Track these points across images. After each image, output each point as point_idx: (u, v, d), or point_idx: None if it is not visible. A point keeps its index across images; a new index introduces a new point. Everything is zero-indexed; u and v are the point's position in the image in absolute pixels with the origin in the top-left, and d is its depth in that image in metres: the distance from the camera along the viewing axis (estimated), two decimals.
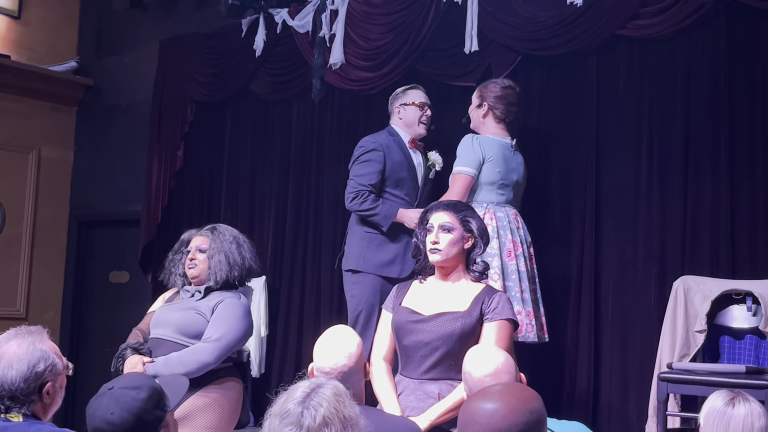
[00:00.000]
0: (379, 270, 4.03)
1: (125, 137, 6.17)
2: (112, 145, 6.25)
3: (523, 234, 3.91)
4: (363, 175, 4.06)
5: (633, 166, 4.05)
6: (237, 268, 3.46)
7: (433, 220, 3.16)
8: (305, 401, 1.84)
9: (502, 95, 3.98)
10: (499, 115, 3.99)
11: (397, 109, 4.23)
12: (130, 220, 5.94)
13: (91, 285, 6.37)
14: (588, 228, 4.12)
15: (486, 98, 4.00)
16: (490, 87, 4.02)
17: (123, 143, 6.18)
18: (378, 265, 4.04)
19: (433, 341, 3.01)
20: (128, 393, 2.16)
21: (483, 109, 4.01)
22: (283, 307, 5.07)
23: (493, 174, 3.89)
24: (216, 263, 3.44)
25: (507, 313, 3.03)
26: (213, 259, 3.44)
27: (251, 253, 3.52)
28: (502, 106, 3.98)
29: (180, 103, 5.63)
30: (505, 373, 2.43)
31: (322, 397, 1.85)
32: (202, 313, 3.37)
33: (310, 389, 1.88)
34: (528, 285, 3.80)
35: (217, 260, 3.44)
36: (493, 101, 3.99)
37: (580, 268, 4.12)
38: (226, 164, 5.52)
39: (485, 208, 3.85)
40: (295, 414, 1.82)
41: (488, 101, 3.99)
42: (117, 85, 6.28)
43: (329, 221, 4.95)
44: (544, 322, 3.87)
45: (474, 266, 3.16)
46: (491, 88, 4.01)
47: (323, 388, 1.88)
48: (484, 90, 4.03)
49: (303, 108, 5.17)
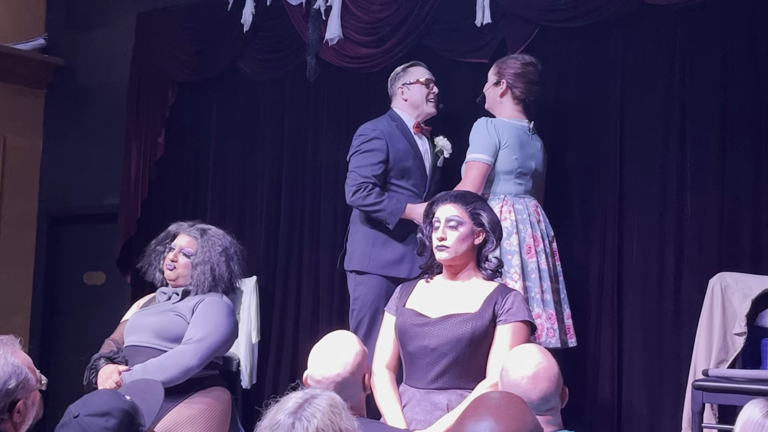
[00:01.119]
0: (386, 270, 4.06)
1: (100, 123, 6.18)
2: (86, 132, 6.27)
3: (545, 228, 3.94)
4: (364, 167, 4.08)
5: (662, 150, 4.06)
6: (222, 284, 3.50)
7: (440, 214, 3.18)
8: (297, 412, 1.87)
9: (522, 72, 4.01)
10: (518, 94, 4.01)
11: (399, 90, 4.26)
12: (106, 214, 5.96)
13: (63, 287, 6.39)
14: (611, 219, 4.14)
15: (504, 75, 4.03)
16: (510, 63, 4.05)
17: (97, 129, 6.19)
18: (384, 264, 4.07)
19: (441, 346, 3.04)
20: (96, 422, 2.16)
21: (501, 87, 4.04)
22: (277, 310, 5.08)
23: (509, 162, 3.92)
24: (199, 275, 3.48)
25: (522, 315, 3.06)
26: (197, 269, 3.48)
27: (240, 266, 3.56)
28: (522, 84, 4.01)
29: (160, 84, 5.64)
30: (545, 380, 2.46)
31: (315, 407, 1.88)
32: (182, 315, 3.41)
33: (303, 400, 1.91)
34: (549, 284, 3.83)
35: (201, 271, 3.48)
36: (512, 79, 4.01)
37: (601, 263, 4.15)
38: (213, 152, 5.53)
39: (503, 200, 3.88)
40: (285, 426, 1.85)
41: (507, 79, 4.02)
42: (90, 64, 6.29)
43: (328, 215, 4.97)
44: (570, 325, 3.90)
45: (486, 264, 3.19)
46: (510, 64, 4.04)
47: (318, 399, 1.91)
48: (503, 66, 4.06)
49: (297, 89, 5.17)
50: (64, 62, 6.43)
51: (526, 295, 3.71)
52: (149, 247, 3.66)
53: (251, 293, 4.94)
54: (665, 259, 4.03)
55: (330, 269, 4.85)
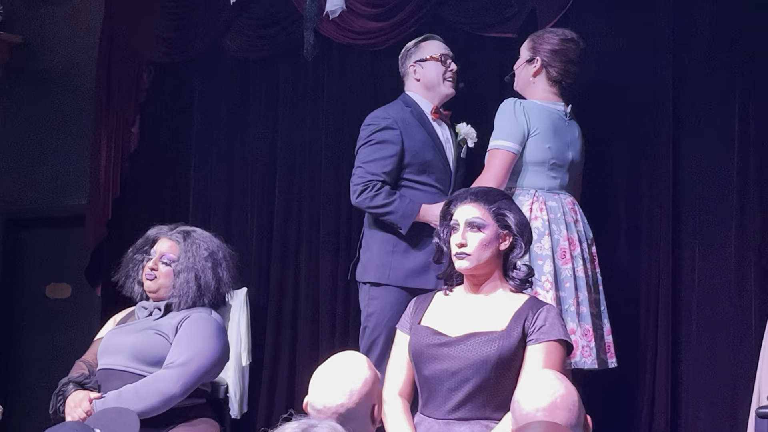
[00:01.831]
0: (409, 280, 4.04)
1: (64, 110, 6.18)
2: (48, 121, 6.27)
3: (583, 229, 3.93)
4: (374, 162, 4.07)
5: (722, 137, 4.07)
6: (208, 294, 3.49)
7: (459, 215, 3.15)
8: None
9: (560, 50, 4.01)
10: (554, 75, 4.01)
11: (411, 68, 4.24)
12: (72, 217, 5.96)
13: (22, 301, 6.38)
14: (663, 219, 4.14)
15: (539, 52, 4.02)
16: (547, 38, 4.04)
17: (61, 118, 6.19)
18: (407, 274, 4.05)
19: (463, 370, 3.02)
20: None
21: (535, 65, 4.03)
22: (271, 328, 5.08)
23: (542, 151, 3.91)
24: (182, 284, 3.47)
25: (557, 333, 3.04)
26: (179, 277, 3.47)
27: (230, 273, 3.55)
28: (559, 63, 4.00)
29: (134, 65, 5.63)
30: (564, 410, 2.44)
31: None
32: (163, 334, 3.40)
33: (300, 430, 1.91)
34: (587, 295, 3.82)
35: (184, 280, 3.47)
36: (548, 56, 4.01)
37: (649, 271, 4.16)
38: (195, 144, 5.53)
39: (533, 195, 3.87)
40: None
41: (542, 56, 4.02)
42: (52, 43, 6.28)
43: (330, 217, 4.96)
44: (610, 342, 3.88)
45: (514, 272, 3.18)
46: (548, 39, 4.04)
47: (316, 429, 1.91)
48: (538, 41, 4.05)
49: (292, 70, 5.17)
50: (22, 40, 6.43)
51: (559, 307, 3.71)
52: (126, 257, 3.66)
53: (241, 307, 4.95)
54: (725, 265, 4.03)
55: (332, 279, 4.86)
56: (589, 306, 3.82)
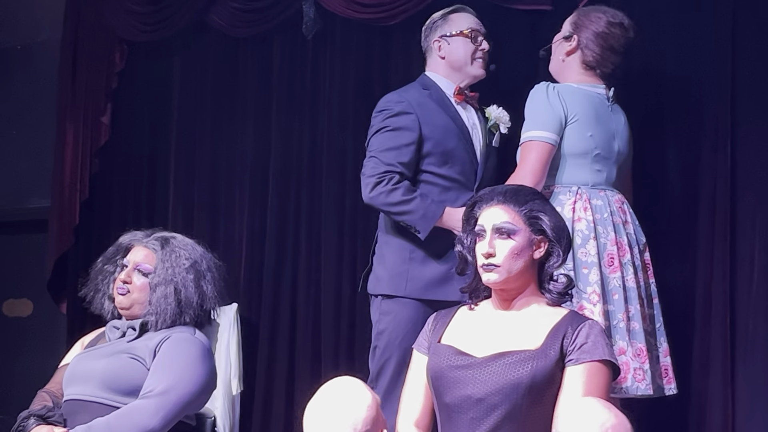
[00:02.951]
0: (430, 292, 4.04)
1: (23, 97, 6.23)
2: (4, 110, 6.32)
3: (633, 231, 3.92)
4: (389, 151, 4.06)
5: None
6: (190, 311, 3.48)
7: (485, 220, 3.15)
8: None
9: (604, 33, 4.00)
10: (589, 59, 4.01)
11: (436, 44, 4.22)
12: (32, 221, 6.01)
13: None
14: (720, 222, 4.17)
15: (580, 30, 4.03)
16: (593, 16, 4.04)
17: (20, 106, 6.24)
18: (427, 285, 4.05)
19: (490, 396, 3.01)
20: None
21: (570, 43, 4.04)
22: (264, 350, 5.11)
23: (583, 140, 3.91)
24: (159, 299, 3.45)
25: (601, 352, 3.04)
26: (156, 291, 3.48)
27: (216, 286, 3.56)
28: (597, 48, 4.00)
29: (104, 44, 5.66)
30: None
31: None
32: (139, 358, 3.40)
33: None
34: (639, 309, 3.81)
35: (162, 295, 3.46)
36: (588, 38, 4.01)
37: (708, 282, 4.17)
38: (175, 135, 5.57)
39: (575, 193, 3.87)
40: None
41: (582, 35, 4.02)
42: (9, 20, 6.33)
43: (332, 219, 4.99)
44: (668, 365, 3.88)
45: (551, 284, 3.19)
46: (594, 18, 4.03)
47: None
48: (583, 18, 4.05)
49: (289, 49, 5.20)
50: None
51: (607, 323, 3.71)
52: (94, 268, 3.68)
53: (231, 326, 4.98)
54: None
55: (335, 291, 4.88)
56: (642, 321, 3.80)
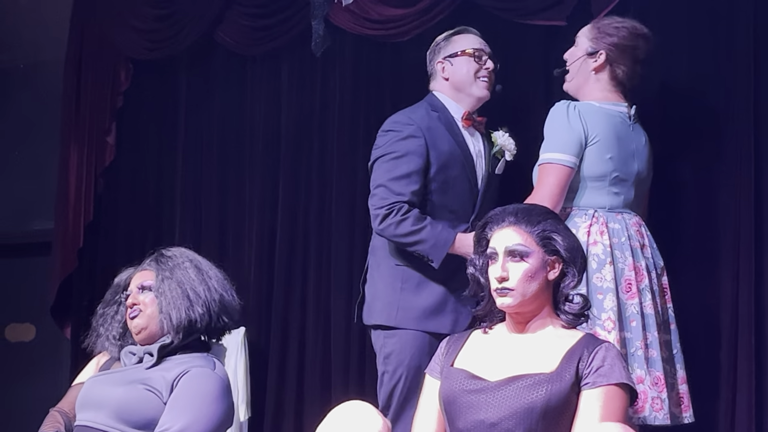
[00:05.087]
0: (422, 323, 4.05)
1: (26, 117, 6.23)
2: (7, 130, 6.33)
3: (651, 255, 3.92)
4: (398, 179, 4.05)
5: None
6: (201, 303, 3.45)
7: (496, 242, 3.14)
8: None
9: (630, 45, 4.00)
10: (620, 75, 4.00)
11: (439, 65, 4.25)
12: (35, 244, 6.00)
13: None
14: (745, 244, 4.15)
15: (604, 44, 4.01)
16: (614, 29, 4.02)
17: (23, 126, 6.25)
18: (420, 315, 4.06)
19: (503, 421, 2.99)
20: None
21: (597, 59, 4.02)
22: (274, 375, 5.09)
23: (602, 162, 3.91)
24: (168, 300, 3.45)
25: (618, 375, 3.03)
26: (163, 295, 3.48)
27: (221, 283, 3.55)
28: (628, 61, 4.00)
29: (109, 62, 5.66)
30: None
31: None
32: (155, 390, 3.37)
33: None
34: (657, 336, 3.81)
35: (169, 295, 3.48)
36: (615, 52, 3.99)
37: (733, 307, 4.15)
38: (182, 155, 5.57)
39: (591, 216, 3.88)
40: None
41: (607, 50, 4.00)
42: (12, 37, 6.35)
43: (342, 244, 4.99)
44: (684, 392, 3.87)
45: (566, 305, 3.18)
46: (615, 30, 4.02)
47: None
48: (604, 30, 4.03)
49: (298, 67, 5.20)
50: None
51: (624, 350, 3.70)
52: (96, 316, 3.65)
53: (238, 351, 4.96)
54: None
55: (346, 316, 4.84)
56: (659, 349, 3.80)
